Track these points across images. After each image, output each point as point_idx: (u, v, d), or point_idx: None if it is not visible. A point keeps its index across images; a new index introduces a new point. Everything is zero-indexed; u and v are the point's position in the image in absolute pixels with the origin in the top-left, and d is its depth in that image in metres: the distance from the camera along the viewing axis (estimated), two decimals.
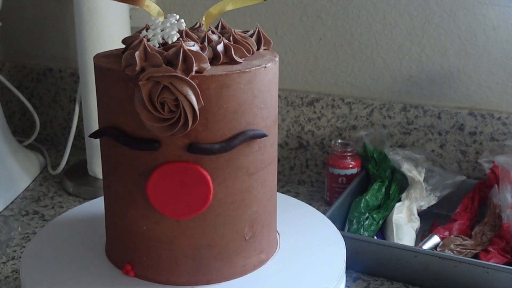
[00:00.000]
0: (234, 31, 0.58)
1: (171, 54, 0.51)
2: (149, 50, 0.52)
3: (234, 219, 0.56)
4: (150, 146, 0.53)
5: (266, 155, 0.57)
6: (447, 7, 0.91)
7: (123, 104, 0.53)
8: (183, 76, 0.50)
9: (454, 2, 0.91)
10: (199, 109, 0.51)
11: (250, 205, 0.57)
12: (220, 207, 0.55)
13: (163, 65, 0.51)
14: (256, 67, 0.54)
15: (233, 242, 0.57)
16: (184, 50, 0.51)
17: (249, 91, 0.54)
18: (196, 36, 0.57)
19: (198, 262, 0.56)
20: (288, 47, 1.02)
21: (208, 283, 0.57)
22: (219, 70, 0.52)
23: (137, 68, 0.51)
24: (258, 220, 0.58)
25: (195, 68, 0.51)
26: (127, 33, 0.99)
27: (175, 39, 0.54)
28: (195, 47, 0.53)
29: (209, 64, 0.52)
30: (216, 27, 0.62)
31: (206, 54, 0.53)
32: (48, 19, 1.19)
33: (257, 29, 0.61)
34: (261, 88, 0.55)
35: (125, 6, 0.98)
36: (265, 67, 0.55)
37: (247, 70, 0.53)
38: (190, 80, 0.50)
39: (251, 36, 0.60)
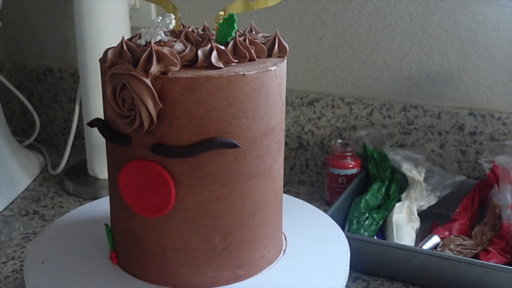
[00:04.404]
0: (245, 35, 0.57)
1: (139, 53, 0.52)
2: (124, 48, 0.52)
3: (202, 227, 0.55)
4: (121, 141, 0.54)
5: (246, 167, 0.55)
6: (447, 7, 0.91)
7: (106, 98, 0.55)
8: (139, 76, 0.50)
9: (454, 2, 0.91)
10: (162, 110, 0.51)
11: (222, 216, 0.55)
12: (186, 212, 0.54)
13: (125, 63, 0.51)
14: (230, 74, 0.52)
15: (201, 251, 0.56)
16: (150, 50, 0.50)
17: (220, 97, 0.52)
18: (200, 38, 0.57)
19: (165, 263, 0.57)
20: (288, 47, 1.02)
21: (174, 286, 0.57)
22: (188, 73, 0.51)
23: (107, 63, 0.53)
24: (235, 233, 0.56)
25: (158, 68, 0.51)
26: (127, 33, 0.99)
27: (158, 38, 0.54)
28: (178, 48, 0.53)
29: (178, 66, 0.51)
30: (250, 31, 0.62)
31: (185, 56, 0.53)
32: (48, 19, 1.19)
33: (274, 35, 0.59)
34: (237, 96, 0.52)
35: (125, 6, 0.98)
36: (244, 74, 0.52)
37: (216, 75, 0.51)
38: (145, 80, 0.50)
39: (268, 41, 0.58)
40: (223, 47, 0.54)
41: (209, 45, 0.53)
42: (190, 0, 1.05)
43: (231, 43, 0.55)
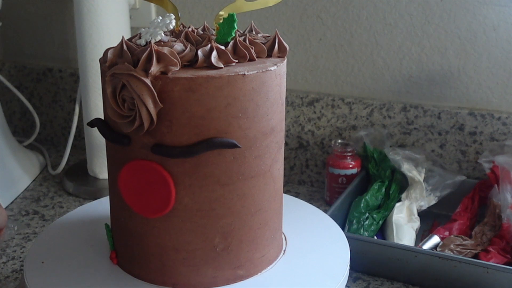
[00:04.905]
0: (245, 35, 0.57)
1: (139, 53, 0.52)
2: (124, 48, 0.52)
3: (202, 227, 0.55)
4: (121, 141, 0.54)
5: (246, 167, 0.55)
6: (447, 7, 0.91)
7: (106, 98, 0.55)
8: (139, 76, 0.50)
9: (454, 2, 0.91)
10: (162, 110, 0.51)
11: (222, 216, 0.55)
12: (186, 212, 0.54)
13: (125, 63, 0.51)
14: (230, 74, 0.52)
15: (201, 251, 0.56)
16: (150, 50, 0.51)
17: (220, 97, 0.52)
18: (200, 38, 0.57)
19: (164, 263, 0.57)
20: (288, 47, 1.02)
21: (174, 286, 0.57)
22: (188, 73, 0.51)
23: (107, 63, 0.53)
24: (234, 233, 0.56)
25: (158, 68, 0.51)
26: (127, 33, 0.99)
27: (158, 38, 0.54)
28: (178, 48, 0.53)
29: (178, 66, 0.51)
30: (250, 31, 0.62)
31: (185, 56, 0.53)
32: (48, 19, 1.19)
33: (274, 35, 0.59)
34: (237, 96, 0.52)
35: (125, 6, 0.98)
36: (244, 74, 0.52)
37: (216, 75, 0.51)
38: (145, 80, 0.50)
39: (268, 41, 0.58)
40: (223, 47, 0.54)
41: (209, 45, 0.53)
42: (190, 0, 1.05)
43: (231, 43, 0.55)
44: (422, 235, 0.86)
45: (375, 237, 0.83)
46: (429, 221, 0.89)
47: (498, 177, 0.84)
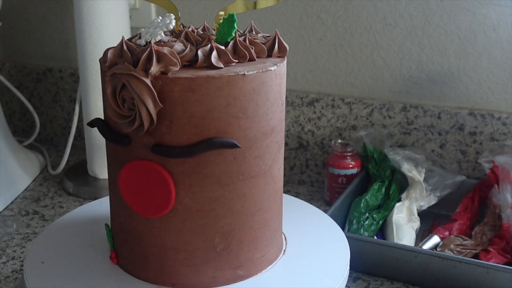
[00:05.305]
0: (245, 35, 0.57)
1: (139, 53, 0.52)
2: (124, 48, 0.53)
3: (202, 227, 0.55)
4: (120, 141, 0.54)
5: (246, 167, 0.55)
6: (447, 7, 0.91)
7: (106, 98, 0.55)
8: (139, 76, 0.50)
9: (454, 2, 0.91)
10: (162, 110, 0.51)
11: (222, 216, 0.55)
12: (186, 212, 0.54)
13: (125, 63, 0.51)
14: (230, 74, 0.52)
15: (201, 251, 0.56)
16: (150, 50, 0.51)
17: (220, 97, 0.52)
18: (200, 38, 0.57)
19: (164, 263, 0.57)
20: (288, 47, 1.02)
21: (173, 286, 0.57)
22: (188, 73, 0.51)
23: (107, 63, 0.53)
24: (234, 233, 0.56)
25: (158, 68, 0.51)
26: (127, 33, 0.99)
27: (158, 38, 0.54)
28: (178, 48, 0.53)
29: (178, 66, 0.51)
30: (250, 31, 0.62)
31: (185, 56, 0.53)
32: (48, 19, 1.19)
33: (274, 35, 0.59)
34: (237, 96, 0.52)
35: (125, 6, 0.98)
36: (244, 74, 0.52)
37: (216, 75, 0.51)
38: (145, 80, 0.50)
39: (268, 41, 0.58)
40: (223, 47, 0.54)
41: (209, 45, 0.53)
42: (190, 0, 1.05)
43: (231, 43, 0.55)
44: (422, 235, 0.86)
45: (375, 237, 0.83)
46: (429, 221, 0.89)
47: (498, 177, 0.84)
